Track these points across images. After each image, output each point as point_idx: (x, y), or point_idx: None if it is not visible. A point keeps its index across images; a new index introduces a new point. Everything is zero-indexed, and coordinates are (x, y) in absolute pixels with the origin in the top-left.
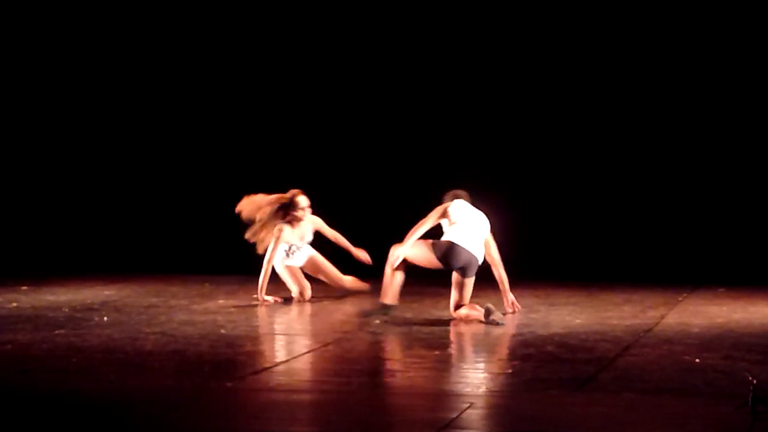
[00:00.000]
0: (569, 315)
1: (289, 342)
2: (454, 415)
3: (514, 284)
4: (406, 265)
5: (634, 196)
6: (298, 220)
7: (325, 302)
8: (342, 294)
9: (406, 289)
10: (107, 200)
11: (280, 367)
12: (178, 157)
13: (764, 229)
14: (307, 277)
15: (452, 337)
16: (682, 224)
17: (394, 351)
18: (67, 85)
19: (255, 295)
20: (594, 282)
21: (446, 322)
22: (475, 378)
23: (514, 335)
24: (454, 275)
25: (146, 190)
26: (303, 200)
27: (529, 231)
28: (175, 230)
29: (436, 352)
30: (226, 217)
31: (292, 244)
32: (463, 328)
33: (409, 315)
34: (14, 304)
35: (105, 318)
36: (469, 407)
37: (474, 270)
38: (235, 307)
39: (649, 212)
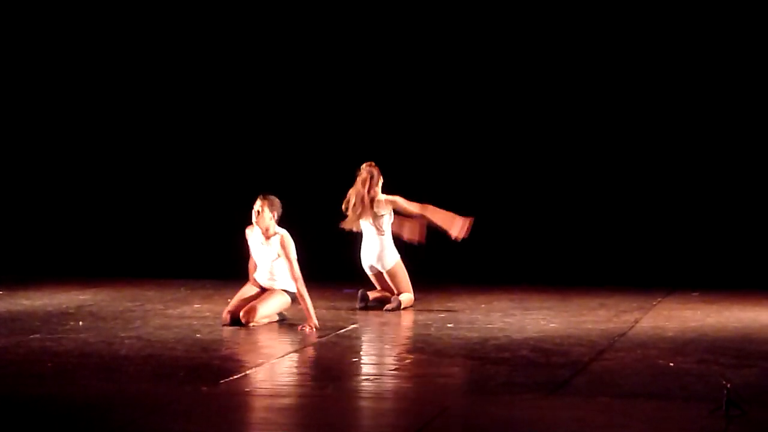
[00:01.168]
0: (544, 319)
1: (266, 346)
2: (428, 420)
3: (489, 289)
4: None
5: (609, 200)
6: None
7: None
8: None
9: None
10: (82, 205)
11: (256, 371)
12: (152, 160)
13: (738, 234)
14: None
15: (430, 341)
16: (656, 228)
17: (369, 355)
18: (47, 87)
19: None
20: (569, 286)
21: (422, 326)
22: (450, 382)
23: (488, 339)
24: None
25: (122, 194)
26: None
27: (504, 235)
28: (151, 235)
29: (411, 357)
30: (202, 221)
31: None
32: (440, 332)
33: (385, 319)
34: None
35: (80, 322)
36: (443, 411)
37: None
38: (210, 311)
39: (623, 216)
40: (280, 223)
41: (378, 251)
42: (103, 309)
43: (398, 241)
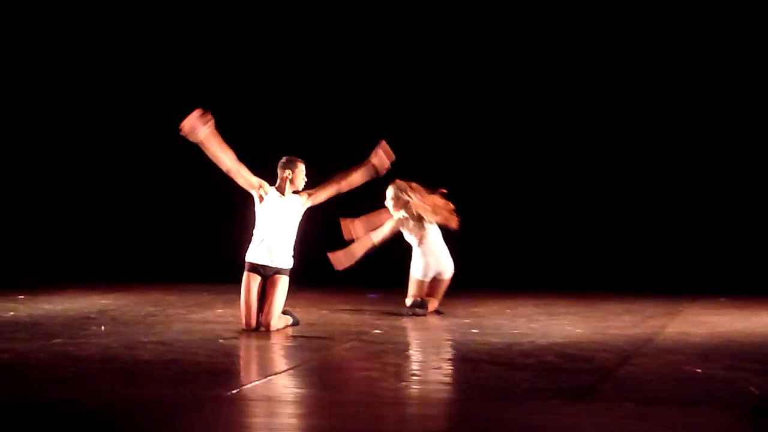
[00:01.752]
0: (569, 324)
1: (289, 351)
2: (452, 426)
3: (514, 294)
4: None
5: (635, 204)
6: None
7: (325, 311)
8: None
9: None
10: (105, 209)
11: (279, 377)
12: (177, 166)
13: (767, 239)
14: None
15: (454, 346)
16: (683, 233)
17: (393, 359)
18: (64, 94)
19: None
20: (594, 291)
21: (447, 331)
22: (474, 388)
23: (513, 345)
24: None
25: (145, 199)
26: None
27: (529, 240)
28: (174, 240)
29: (435, 362)
30: (225, 225)
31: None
32: (464, 338)
33: (409, 324)
34: (11, 313)
35: (102, 327)
36: (467, 418)
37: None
38: (233, 316)
39: (650, 221)
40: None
41: (446, 258)
42: (125, 314)
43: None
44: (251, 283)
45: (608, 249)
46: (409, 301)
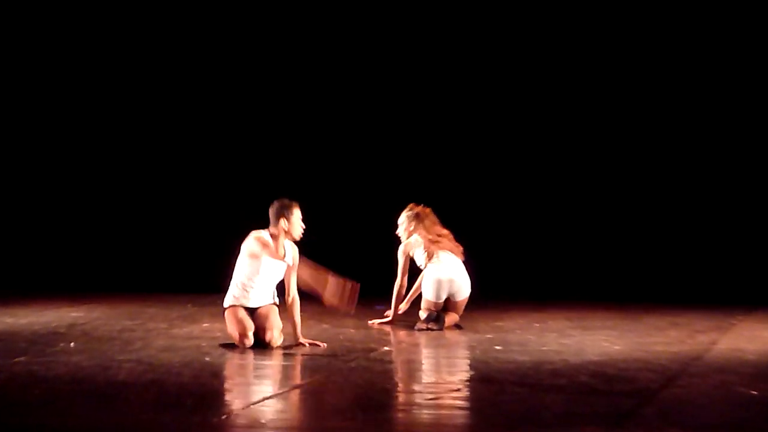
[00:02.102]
0: (606, 340)
1: (286, 371)
2: None
3: (543, 306)
4: None
5: (682, 207)
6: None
7: (326, 326)
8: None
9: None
10: (75, 213)
11: (274, 400)
12: (155, 166)
13: None
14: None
15: (474, 365)
16: (736, 238)
17: (402, 381)
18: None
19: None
20: (635, 303)
21: (466, 348)
22: (498, 413)
23: (542, 363)
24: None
25: (119, 200)
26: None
27: (560, 246)
28: (154, 245)
29: (453, 384)
30: (210, 229)
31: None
32: (486, 355)
33: (422, 340)
34: None
35: (72, 344)
36: None
37: None
38: (221, 331)
39: (700, 225)
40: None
41: (461, 277)
42: (98, 328)
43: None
44: (238, 307)
45: (651, 256)
46: (423, 315)
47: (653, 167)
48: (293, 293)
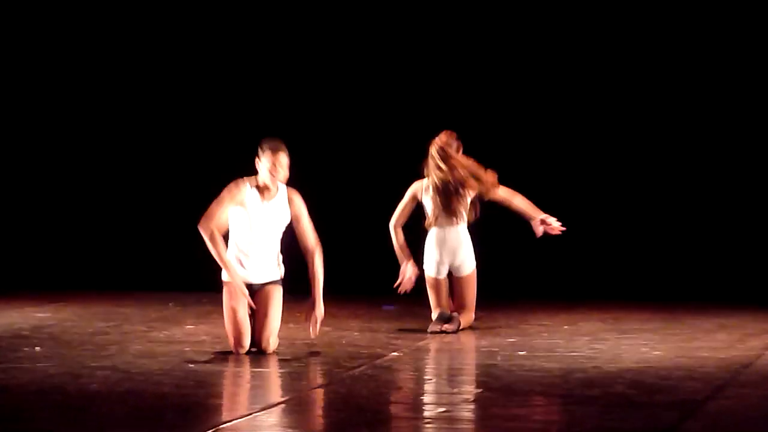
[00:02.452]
0: (645, 345)
1: (281, 379)
2: None
3: (573, 305)
4: None
5: (729, 198)
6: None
7: (328, 328)
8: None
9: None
10: (39, 202)
11: (268, 413)
12: (129, 150)
13: None
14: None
15: (494, 373)
16: None
17: (416, 392)
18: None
19: None
20: (678, 303)
21: (485, 354)
22: (522, 428)
23: (573, 371)
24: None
25: (89, 188)
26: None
27: (592, 239)
28: (130, 237)
29: (470, 395)
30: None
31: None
32: (509, 362)
33: (435, 344)
34: None
35: (37, 349)
36: None
37: None
38: (207, 334)
39: (752, 217)
40: None
41: (465, 248)
42: (67, 331)
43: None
44: (237, 296)
45: (697, 250)
46: (435, 314)
47: (705, 155)
48: (310, 245)
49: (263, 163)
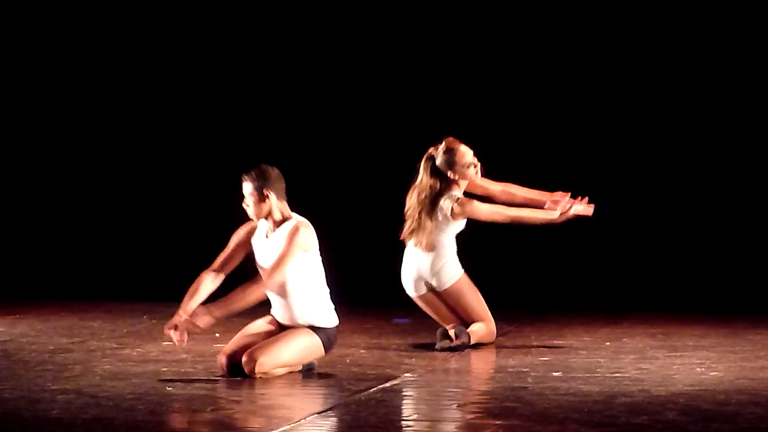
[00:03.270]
0: (701, 365)
1: (274, 405)
2: None
3: (616, 319)
4: None
5: None
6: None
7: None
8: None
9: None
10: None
11: None
12: (101, 151)
13: None
14: None
15: (525, 398)
16: None
17: (431, 419)
18: None
19: None
20: (738, 315)
21: (513, 375)
22: None
23: (616, 395)
24: None
25: (53, 189)
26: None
27: (638, 245)
28: (98, 242)
29: (496, 423)
30: (170, 224)
31: None
32: (541, 385)
33: (452, 363)
34: None
35: None
36: None
37: None
38: (188, 352)
39: None
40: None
41: (441, 259)
42: (24, 348)
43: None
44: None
45: (758, 257)
46: (450, 331)
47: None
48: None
49: (275, 187)
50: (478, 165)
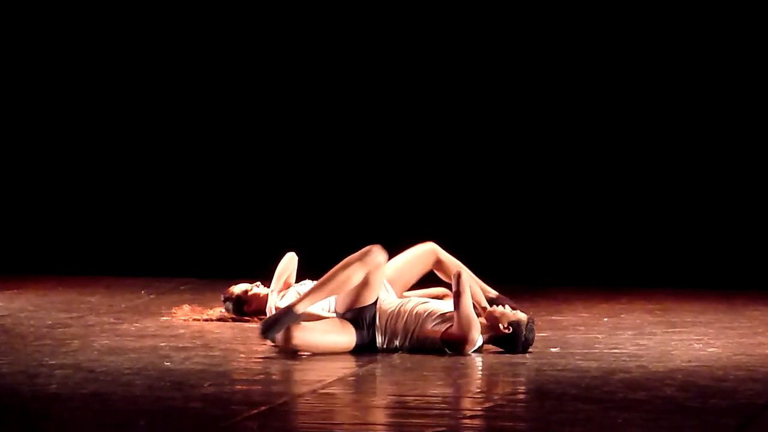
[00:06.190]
0: (698, 341)
1: (268, 383)
2: None
3: (614, 294)
4: None
5: None
6: None
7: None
8: None
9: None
10: None
11: (254, 422)
12: (93, 129)
13: None
14: None
15: (524, 374)
16: None
17: (430, 397)
18: None
19: None
20: (736, 291)
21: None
22: None
23: (614, 371)
24: None
25: (51, 163)
26: None
27: (636, 220)
28: (96, 215)
29: (495, 399)
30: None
31: None
32: (539, 361)
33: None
34: None
35: None
36: None
37: None
38: (186, 327)
39: None
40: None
41: None
42: (22, 323)
43: None
44: None
45: (758, 232)
46: None
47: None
48: None
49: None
50: None
